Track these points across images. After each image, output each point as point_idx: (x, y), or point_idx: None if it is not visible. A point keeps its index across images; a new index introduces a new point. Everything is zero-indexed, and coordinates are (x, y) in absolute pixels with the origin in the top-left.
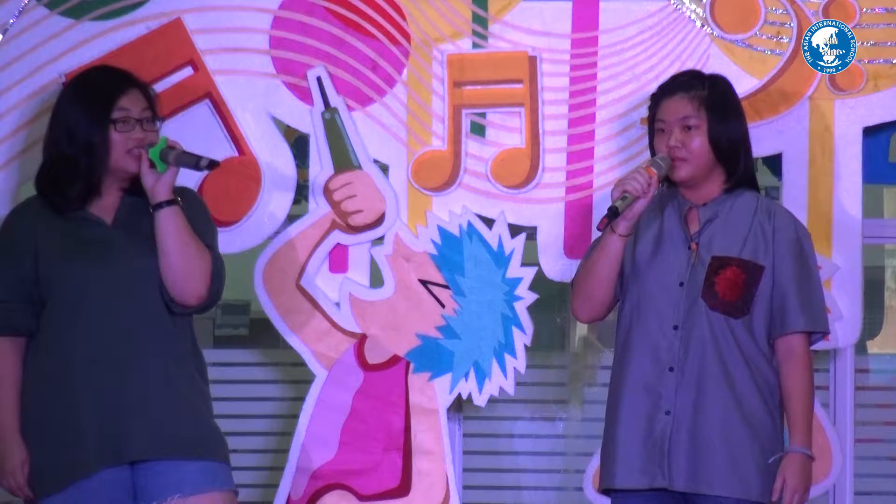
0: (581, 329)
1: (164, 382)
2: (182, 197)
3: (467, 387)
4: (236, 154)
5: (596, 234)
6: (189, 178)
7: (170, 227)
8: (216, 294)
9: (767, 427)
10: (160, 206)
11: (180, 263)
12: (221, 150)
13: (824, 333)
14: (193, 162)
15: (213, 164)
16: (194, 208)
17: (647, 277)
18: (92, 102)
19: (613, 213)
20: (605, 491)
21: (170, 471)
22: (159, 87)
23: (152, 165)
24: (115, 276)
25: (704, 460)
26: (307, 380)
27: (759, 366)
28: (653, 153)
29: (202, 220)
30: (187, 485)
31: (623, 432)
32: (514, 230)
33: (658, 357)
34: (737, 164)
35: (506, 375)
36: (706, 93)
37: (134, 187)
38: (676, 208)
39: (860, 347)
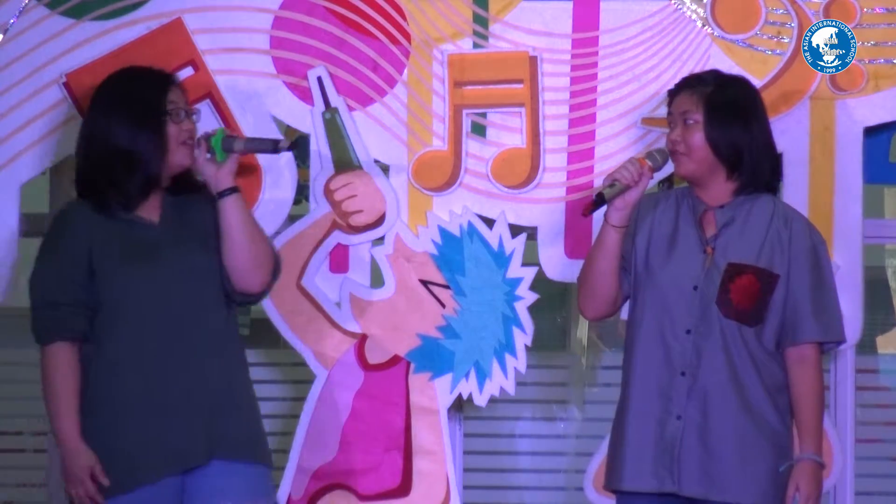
0: (582, 329)
1: (224, 385)
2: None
3: (468, 387)
4: None
5: (594, 238)
6: None
7: (235, 214)
8: (274, 281)
9: (778, 430)
10: (223, 194)
11: (248, 250)
12: None
13: (840, 342)
14: (268, 148)
15: (293, 145)
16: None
17: (661, 279)
18: (141, 97)
19: (599, 200)
20: (612, 490)
21: (220, 474)
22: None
23: (209, 154)
24: (169, 278)
25: (716, 466)
26: (308, 380)
27: (767, 367)
28: None
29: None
30: (233, 492)
31: (633, 434)
32: (515, 230)
33: (670, 361)
34: (738, 167)
35: (506, 375)
36: (710, 90)
37: (175, 186)
38: (691, 209)
39: (862, 348)
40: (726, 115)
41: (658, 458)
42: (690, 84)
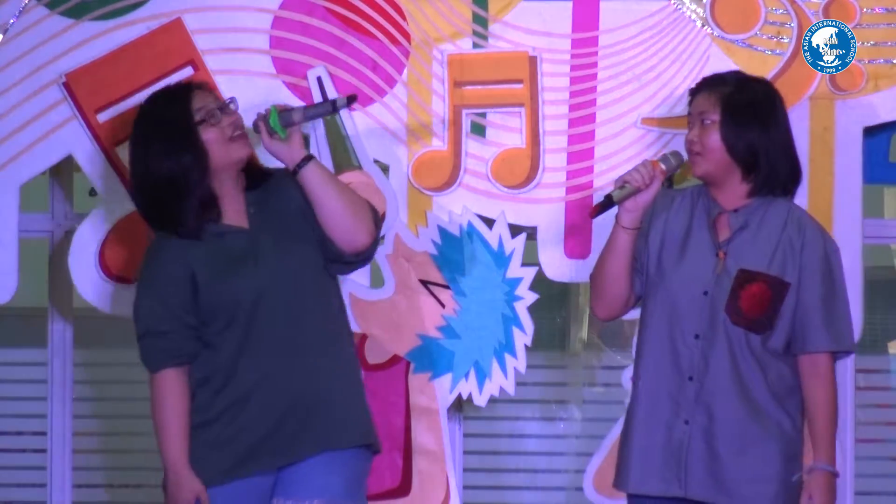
0: (581, 329)
1: (330, 382)
2: (283, 176)
3: (468, 387)
4: None
5: (594, 238)
6: None
7: (317, 178)
8: (379, 231)
9: (788, 433)
10: (300, 165)
11: (342, 206)
12: None
13: (850, 351)
14: (328, 109)
15: (350, 100)
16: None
17: (672, 282)
18: (168, 116)
19: (608, 201)
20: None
21: (314, 472)
22: (159, 87)
23: (271, 135)
24: (270, 280)
25: (723, 471)
26: None
27: (774, 368)
28: None
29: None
30: (326, 492)
31: (640, 437)
32: (515, 230)
33: (679, 365)
34: (755, 169)
35: (506, 375)
36: (728, 91)
37: (250, 182)
38: (705, 211)
39: (862, 347)
40: (743, 116)
41: (665, 462)
42: (710, 84)
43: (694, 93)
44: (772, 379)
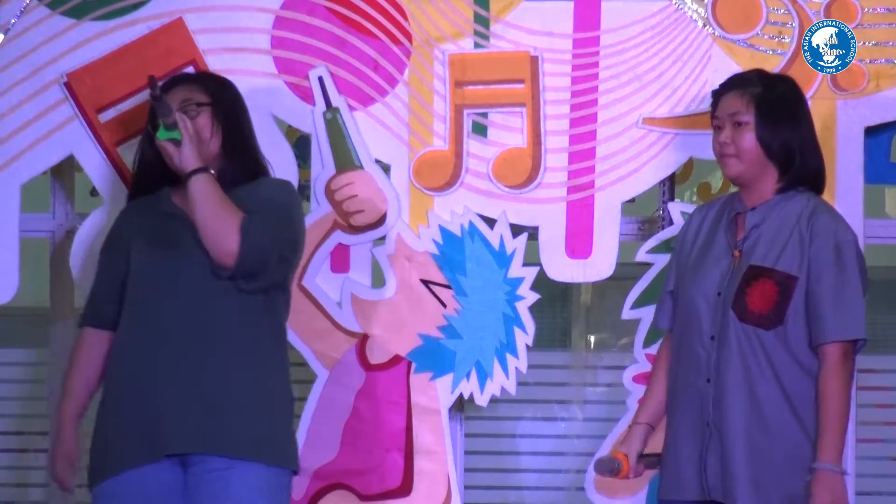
0: (582, 329)
1: (217, 377)
2: (269, 180)
3: (469, 387)
4: None
5: (595, 238)
6: None
7: (195, 191)
8: (252, 253)
9: (797, 439)
10: (188, 176)
11: (206, 224)
12: None
13: (864, 340)
14: (165, 111)
15: (153, 86)
16: (264, 184)
17: (692, 285)
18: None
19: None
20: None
21: (218, 475)
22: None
23: (176, 145)
24: (182, 265)
25: (729, 471)
26: (309, 380)
27: (793, 377)
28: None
29: (265, 191)
30: (231, 496)
31: (671, 443)
32: (516, 230)
33: (698, 368)
34: (790, 166)
35: (507, 375)
36: (759, 90)
37: (243, 178)
38: (728, 213)
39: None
40: (777, 115)
41: (694, 466)
42: (737, 85)
43: (719, 94)
44: (786, 383)
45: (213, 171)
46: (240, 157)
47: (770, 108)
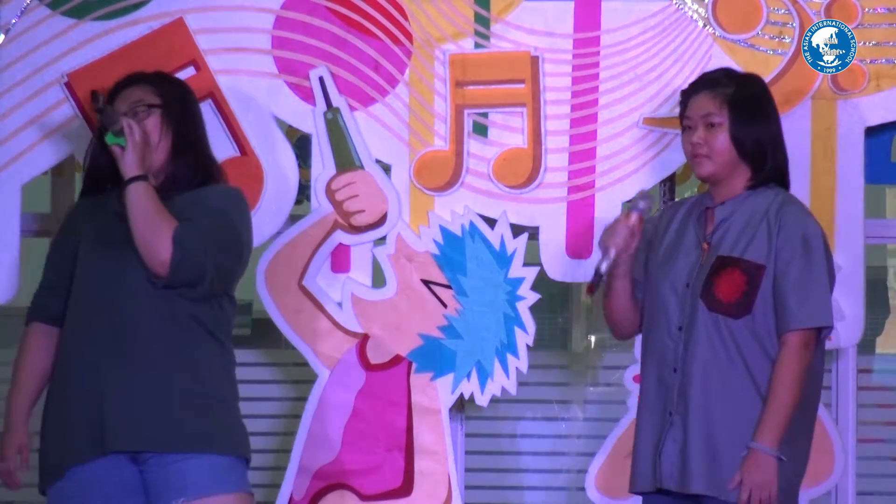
0: (583, 329)
1: (156, 375)
2: (217, 188)
3: (469, 387)
4: (238, 154)
5: (595, 238)
6: None
7: (130, 200)
8: (184, 263)
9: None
10: (127, 183)
11: (139, 233)
12: (224, 150)
13: (829, 329)
14: (109, 119)
15: (96, 99)
16: (209, 193)
17: (659, 279)
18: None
19: (598, 277)
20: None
21: (172, 469)
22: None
23: (122, 149)
24: (122, 268)
25: (689, 459)
26: (309, 380)
27: (760, 367)
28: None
29: (207, 201)
30: (192, 486)
31: (640, 435)
32: (516, 230)
33: (665, 359)
34: (763, 164)
35: (508, 375)
36: (731, 90)
37: (166, 183)
38: (698, 208)
39: (863, 347)
40: (750, 114)
41: (654, 456)
42: (708, 85)
43: (688, 95)
44: (756, 373)
45: (152, 180)
46: (189, 159)
47: (743, 108)
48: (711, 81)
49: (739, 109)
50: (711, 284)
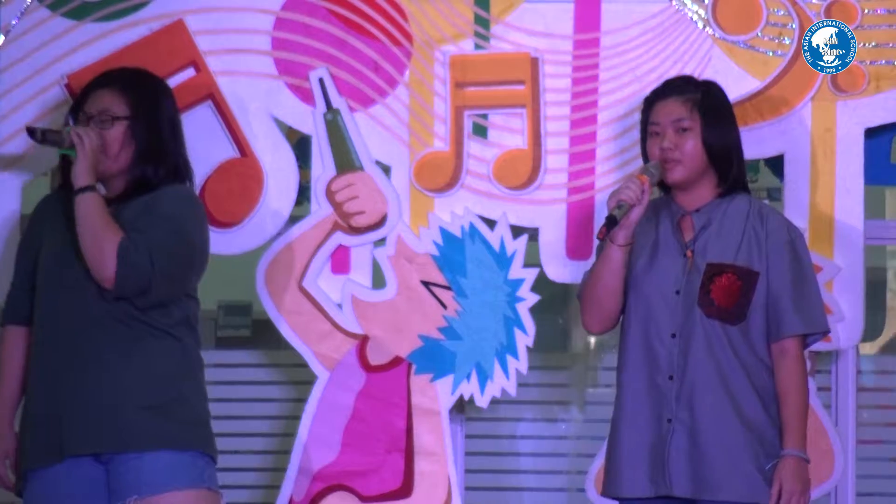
0: (583, 330)
1: (107, 374)
2: (174, 194)
3: (469, 388)
4: (238, 155)
5: (595, 240)
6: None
7: (78, 211)
8: (129, 276)
9: (769, 433)
10: (76, 192)
11: (85, 246)
12: (224, 151)
13: (824, 333)
14: (55, 143)
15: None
16: (163, 201)
17: (645, 286)
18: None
19: (612, 222)
20: (611, 497)
21: (128, 467)
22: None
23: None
24: (79, 269)
25: (705, 466)
26: (309, 381)
27: (758, 373)
28: (644, 157)
29: (159, 209)
30: (145, 484)
31: (626, 441)
32: (516, 231)
33: (658, 365)
34: (729, 168)
35: (508, 376)
36: (699, 96)
37: (129, 186)
38: (670, 216)
39: (862, 349)
40: (719, 118)
41: (653, 463)
42: (675, 91)
43: (652, 101)
44: (755, 379)
45: (101, 188)
46: (154, 165)
47: (712, 113)
48: (678, 87)
49: (709, 114)
50: (708, 291)
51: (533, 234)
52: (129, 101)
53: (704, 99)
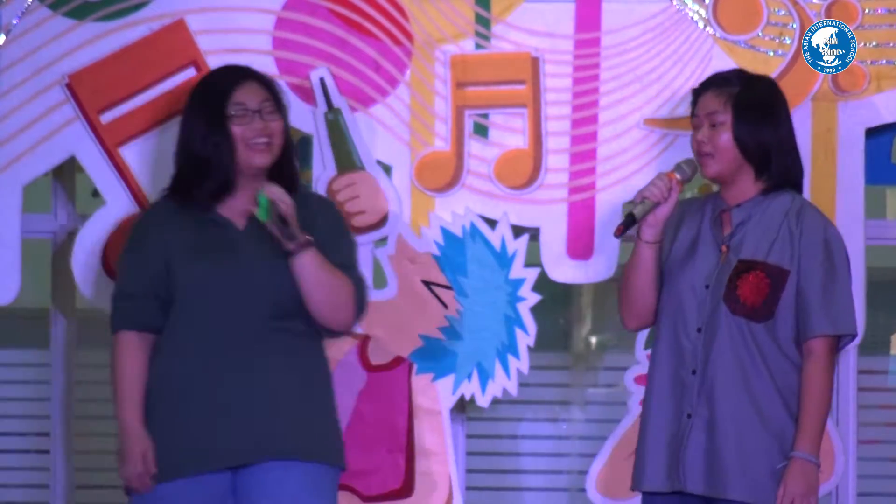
0: (584, 330)
1: (284, 386)
2: (319, 206)
3: (470, 388)
4: None
5: (596, 239)
6: None
7: (304, 271)
8: (361, 316)
9: (786, 429)
10: (296, 251)
11: (322, 301)
12: None
13: (853, 336)
14: (284, 234)
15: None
16: (329, 222)
17: (678, 279)
18: (209, 101)
19: (630, 219)
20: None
21: (274, 476)
22: (161, 88)
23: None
24: (236, 280)
25: (719, 464)
26: None
27: (783, 372)
28: None
29: (338, 234)
30: (288, 495)
31: (651, 434)
32: (517, 231)
33: (683, 360)
34: (766, 166)
35: (509, 376)
36: (737, 90)
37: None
38: (712, 210)
39: (864, 348)
40: (754, 115)
41: (671, 457)
42: (716, 84)
43: (698, 93)
44: (777, 376)
45: (312, 241)
46: (289, 165)
47: (747, 109)
48: (720, 80)
49: (743, 110)
50: (735, 287)
51: (534, 233)
52: (272, 94)
53: (742, 94)
